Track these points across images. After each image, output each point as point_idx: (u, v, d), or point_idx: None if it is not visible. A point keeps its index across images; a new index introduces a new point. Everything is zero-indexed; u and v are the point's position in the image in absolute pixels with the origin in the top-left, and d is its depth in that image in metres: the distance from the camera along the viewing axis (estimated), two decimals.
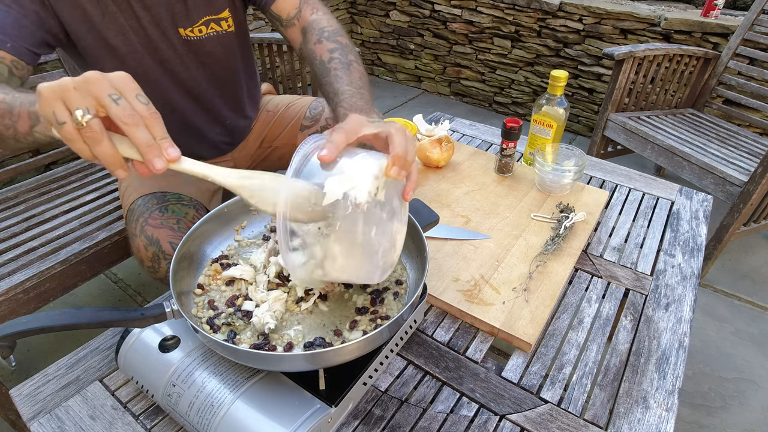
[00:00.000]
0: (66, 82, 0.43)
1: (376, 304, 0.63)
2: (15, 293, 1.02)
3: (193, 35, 0.93)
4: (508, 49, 2.75)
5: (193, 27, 0.93)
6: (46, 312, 0.48)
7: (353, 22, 3.29)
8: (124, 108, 0.43)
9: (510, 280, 0.80)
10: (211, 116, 1.07)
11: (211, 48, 0.97)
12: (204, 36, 0.94)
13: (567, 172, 0.96)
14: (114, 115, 0.42)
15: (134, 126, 0.43)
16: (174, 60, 0.94)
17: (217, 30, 0.95)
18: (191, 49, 0.95)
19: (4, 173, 1.27)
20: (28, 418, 0.60)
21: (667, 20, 2.20)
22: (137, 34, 0.88)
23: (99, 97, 0.42)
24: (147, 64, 0.92)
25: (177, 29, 0.91)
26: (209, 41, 0.96)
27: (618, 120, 1.93)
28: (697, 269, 0.88)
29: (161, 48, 0.92)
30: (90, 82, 0.43)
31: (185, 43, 0.94)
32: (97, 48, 0.87)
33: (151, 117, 0.44)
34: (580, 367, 0.70)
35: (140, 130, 0.43)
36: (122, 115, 0.42)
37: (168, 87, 0.97)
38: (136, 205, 0.98)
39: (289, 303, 0.61)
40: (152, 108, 0.45)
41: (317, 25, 0.91)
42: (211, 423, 0.53)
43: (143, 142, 0.43)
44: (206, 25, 0.94)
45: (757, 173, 1.47)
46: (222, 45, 0.98)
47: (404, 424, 0.61)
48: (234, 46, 1.02)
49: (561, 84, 0.98)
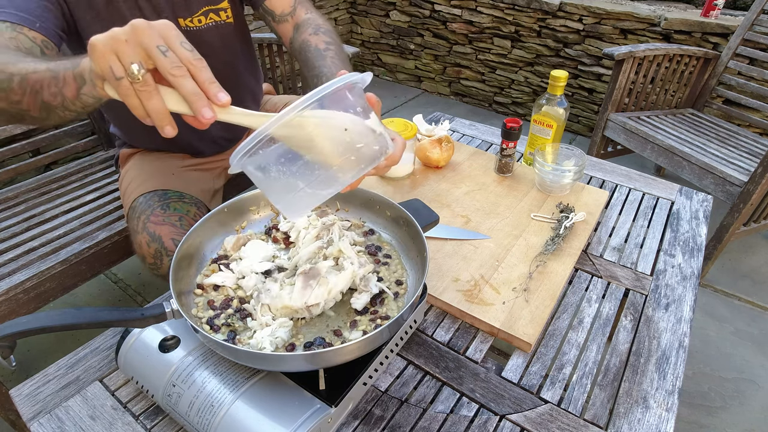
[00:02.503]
0: (117, 33, 0.42)
1: (376, 304, 0.63)
2: (15, 293, 1.02)
3: (193, 25, 0.94)
4: (508, 49, 2.76)
5: (192, 17, 0.94)
6: (46, 312, 0.48)
7: (353, 22, 3.29)
8: (171, 60, 0.42)
9: (510, 280, 0.80)
10: None
11: (210, 39, 0.98)
12: (204, 26, 0.96)
13: (567, 172, 0.96)
14: (162, 67, 0.42)
15: (182, 77, 0.43)
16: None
17: (216, 20, 0.97)
18: (191, 40, 0.96)
19: (4, 173, 1.27)
20: (28, 418, 0.60)
21: (667, 20, 2.20)
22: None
23: (149, 49, 0.42)
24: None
25: (177, 19, 0.93)
26: (208, 31, 0.97)
27: (618, 120, 1.93)
28: (697, 269, 0.88)
29: None
30: (139, 32, 0.42)
31: (185, 33, 0.94)
32: None
33: (197, 63, 0.44)
34: (580, 367, 0.70)
35: (187, 80, 0.43)
36: (170, 66, 0.42)
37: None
38: (138, 202, 0.98)
39: (295, 323, 0.61)
40: (197, 54, 0.44)
41: (312, 22, 0.93)
42: (211, 423, 0.53)
43: (191, 92, 0.43)
44: (205, 15, 0.95)
45: (757, 173, 1.47)
46: (221, 36, 0.99)
47: (404, 424, 0.61)
48: (233, 39, 1.03)
49: (561, 84, 0.98)
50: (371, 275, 0.64)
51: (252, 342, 0.56)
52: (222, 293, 0.63)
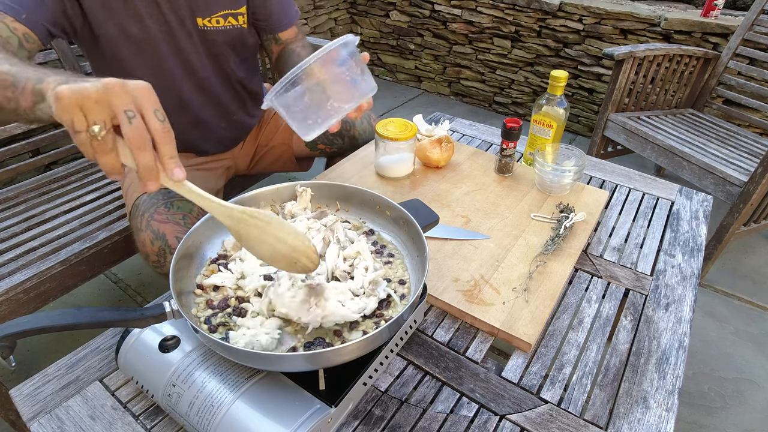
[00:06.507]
0: (88, 90, 0.42)
1: (381, 307, 0.62)
2: (15, 293, 1.02)
3: (211, 26, 0.97)
4: (508, 49, 2.75)
5: (211, 17, 0.96)
6: (46, 312, 0.48)
7: (353, 22, 3.29)
8: (136, 128, 0.43)
9: (510, 280, 0.80)
10: (219, 110, 1.09)
11: (223, 40, 1.00)
12: (220, 28, 0.98)
13: (567, 172, 0.96)
14: (125, 133, 0.43)
15: (140, 149, 0.43)
16: (189, 49, 0.98)
17: (233, 24, 1.00)
18: (206, 40, 0.99)
19: (4, 173, 1.27)
20: (28, 418, 0.60)
21: (667, 20, 2.20)
22: (156, 21, 0.91)
23: (116, 112, 0.43)
24: (162, 52, 0.95)
25: (195, 18, 0.95)
26: (224, 33, 1.00)
27: (618, 120, 1.93)
28: (697, 269, 0.88)
29: (178, 36, 0.95)
30: (110, 94, 0.42)
31: (201, 33, 0.98)
32: (114, 35, 0.89)
33: (164, 135, 0.44)
34: (580, 367, 0.70)
35: (145, 154, 0.43)
36: (132, 136, 0.43)
37: (180, 77, 1.00)
38: (141, 200, 0.98)
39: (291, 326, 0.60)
40: (167, 126, 0.45)
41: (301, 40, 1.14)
42: (211, 423, 0.53)
43: (143, 165, 0.44)
44: (224, 18, 0.98)
45: (757, 173, 1.47)
46: (235, 39, 1.02)
47: (404, 425, 0.61)
48: (244, 43, 1.06)
49: (561, 84, 0.98)
50: (381, 280, 0.64)
51: (230, 336, 0.56)
52: (222, 293, 0.63)
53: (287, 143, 1.26)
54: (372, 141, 1.21)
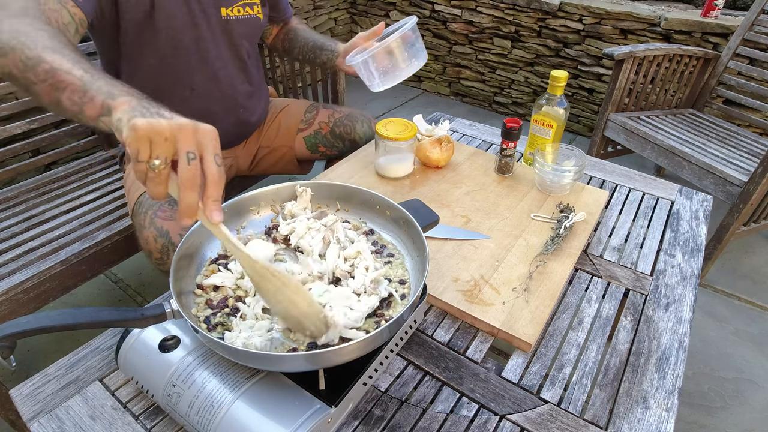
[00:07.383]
0: (162, 126, 0.44)
1: (382, 307, 0.62)
2: (15, 293, 1.02)
3: (233, 14, 1.01)
4: (508, 49, 2.76)
5: (232, 6, 1.02)
6: (46, 312, 0.48)
7: (353, 22, 3.29)
8: (192, 170, 0.45)
9: (510, 280, 0.80)
10: (229, 104, 1.11)
11: (242, 30, 1.05)
12: (241, 17, 1.03)
13: (567, 172, 0.96)
14: (180, 171, 0.45)
15: (189, 189, 0.45)
16: (208, 39, 1.01)
17: (250, 13, 1.05)
18: (227, 29, 1.03)
19: (4, 173, 1.27)
20: (28, 418, 0.60)
21: (667, 20, 2.20)
22: (180, 11, 0.94)
23: (179, 150, 0.45)
24: (181, 40, 0.97)
25: (219, 8, 0.99)
26: (243, 22, 1.04)
27: (618, 120, 1.93)
28: (697, 269, 0.88)
29: (200, 26, 0.98)
30: (181, 134, 0.45)
31: (223, 23, 1.02)
32: (137, 24, 0.91)
33: (216, 180, 0.47)
34: (580, 367, 0.70)
35: (191, 194, 0.46)
36: (186, 177, 0.45)
37: (195, 67, 1.02)
38: (145, 197, 0.98)
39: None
40: (222, 171, 0.47)
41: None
42: (211, 423, 0.53)
43: (187, 203, 0.46)
44: (243, 7, 1.03)
45: (757, 173, 1.47)
46: (250, 28, 1.08)
47: (404, 425, 0.61)
48: (256, 34, 1.11)
49: (561, 84, 0.98)
50: (383, 279, 0.64)
51: (225, 336, 0.56)
52: (221, 293, 0.63)
53: (289, 145, 1.26)
54: (372, 141, 1.21)
